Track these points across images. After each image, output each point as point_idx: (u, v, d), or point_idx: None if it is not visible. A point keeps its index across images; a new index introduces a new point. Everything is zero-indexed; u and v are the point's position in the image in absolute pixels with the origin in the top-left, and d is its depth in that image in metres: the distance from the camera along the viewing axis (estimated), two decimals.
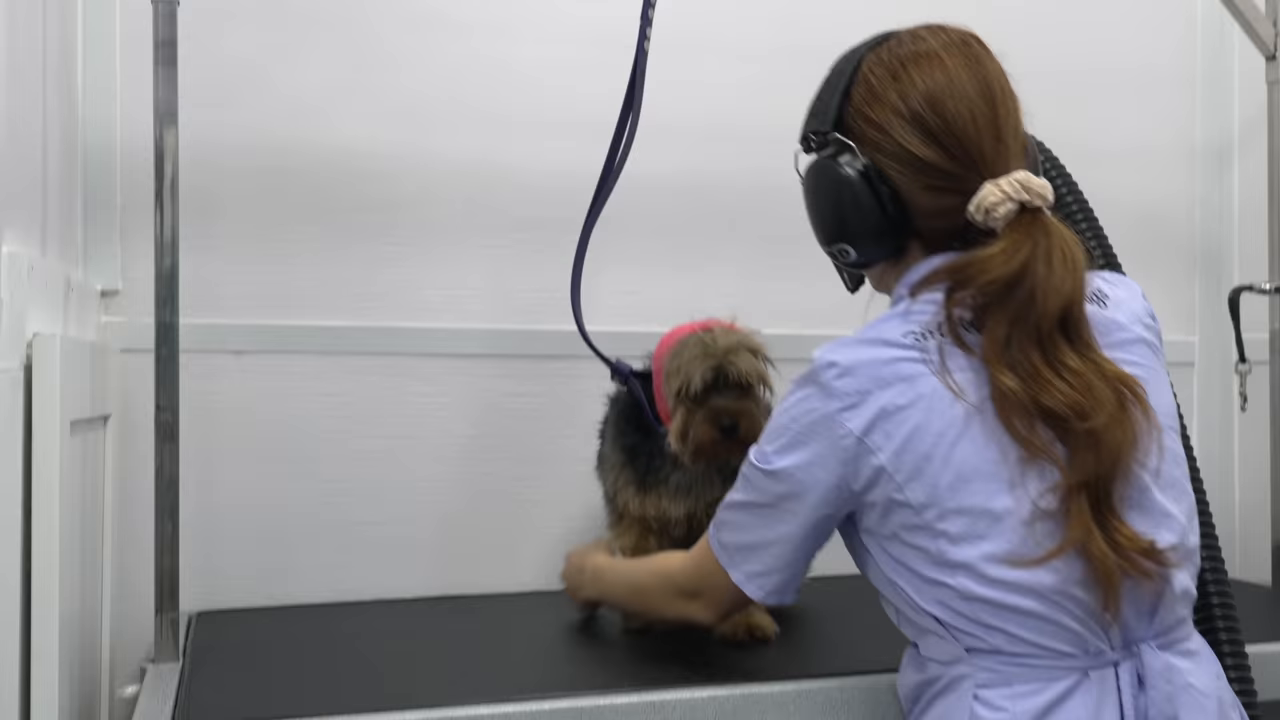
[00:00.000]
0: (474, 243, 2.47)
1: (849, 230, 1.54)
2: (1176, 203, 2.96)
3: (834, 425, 1.44)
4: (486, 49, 2.49)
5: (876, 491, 1.44)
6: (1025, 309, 1.41)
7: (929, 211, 1.51)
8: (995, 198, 1.45)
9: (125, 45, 2.28)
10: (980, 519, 1.40)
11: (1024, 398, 1.39)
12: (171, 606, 1.91)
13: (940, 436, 1.41)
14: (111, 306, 2.27)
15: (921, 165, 1.48)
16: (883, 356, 1.45)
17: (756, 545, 1.54)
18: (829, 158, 1.54)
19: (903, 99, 1.50)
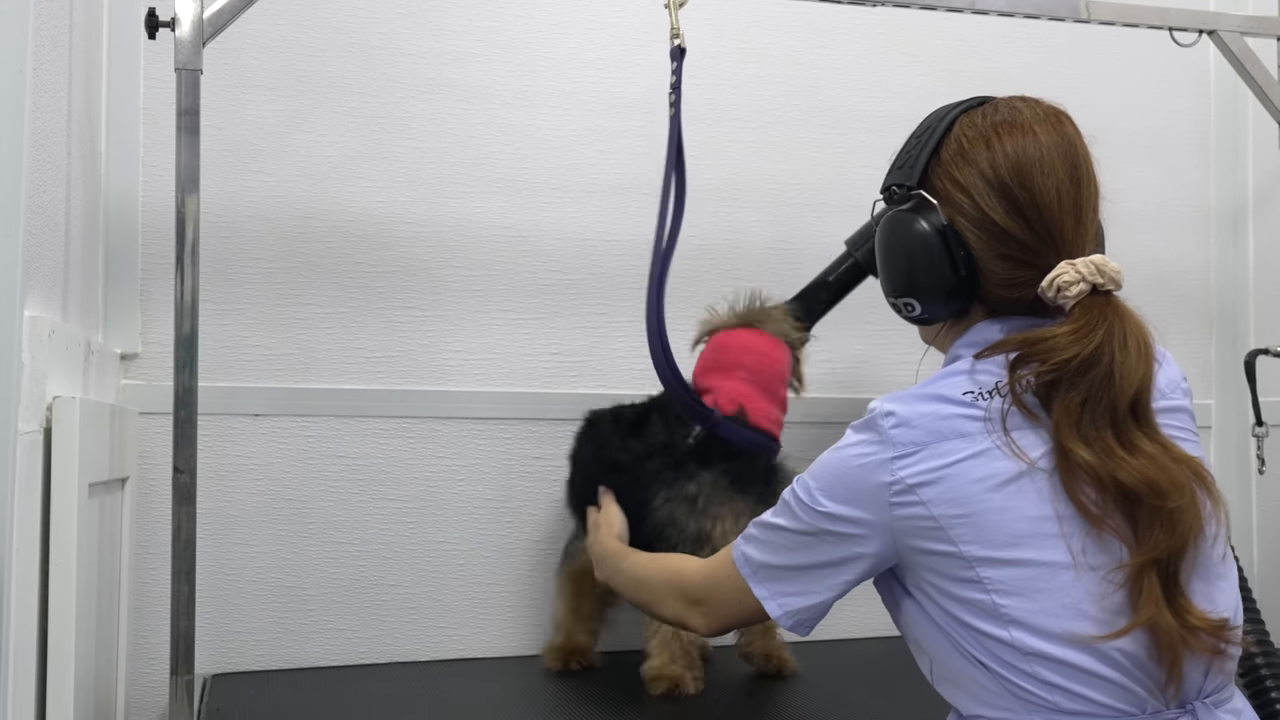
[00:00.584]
0: (491, 306, 2.49)
1: (918, 286, 1.54)
2: (1192, 266, 2.96)
3: (886, 473, 1.44)
4: (504, 116, 2.52)
5: (926, 541, 1.43)
6: (1100, 390, 1.41)
7: (1001, 280, 1.51)
8: (1070, 277, 1.46)
9: (148, 112, 2.31)
10: (1036, 576, 1.39)
11: (1097, 471, 1.39)
12: (187, 669, 1.90)
13: (995, 492, 1.41)
14: (131, 369, 2.29)
15: (1001, 234, 1.49)
16: (942, 412, 1.45)
17: (790, 569, 1.52)
18: (909, 212, 1.54)
19: (992, 166, 1.50)
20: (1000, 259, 1.50)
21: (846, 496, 1.46)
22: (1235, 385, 2.84)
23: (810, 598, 1.52)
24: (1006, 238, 1.49)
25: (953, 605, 1.43)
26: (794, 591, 1.52)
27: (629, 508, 2.06)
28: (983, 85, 2.75)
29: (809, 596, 1.52)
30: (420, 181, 2.47)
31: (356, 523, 2.39)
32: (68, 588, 1.56)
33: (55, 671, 1.55)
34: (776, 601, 1.53)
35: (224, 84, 2.34)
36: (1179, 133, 2.97)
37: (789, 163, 2.68)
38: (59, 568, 1.56)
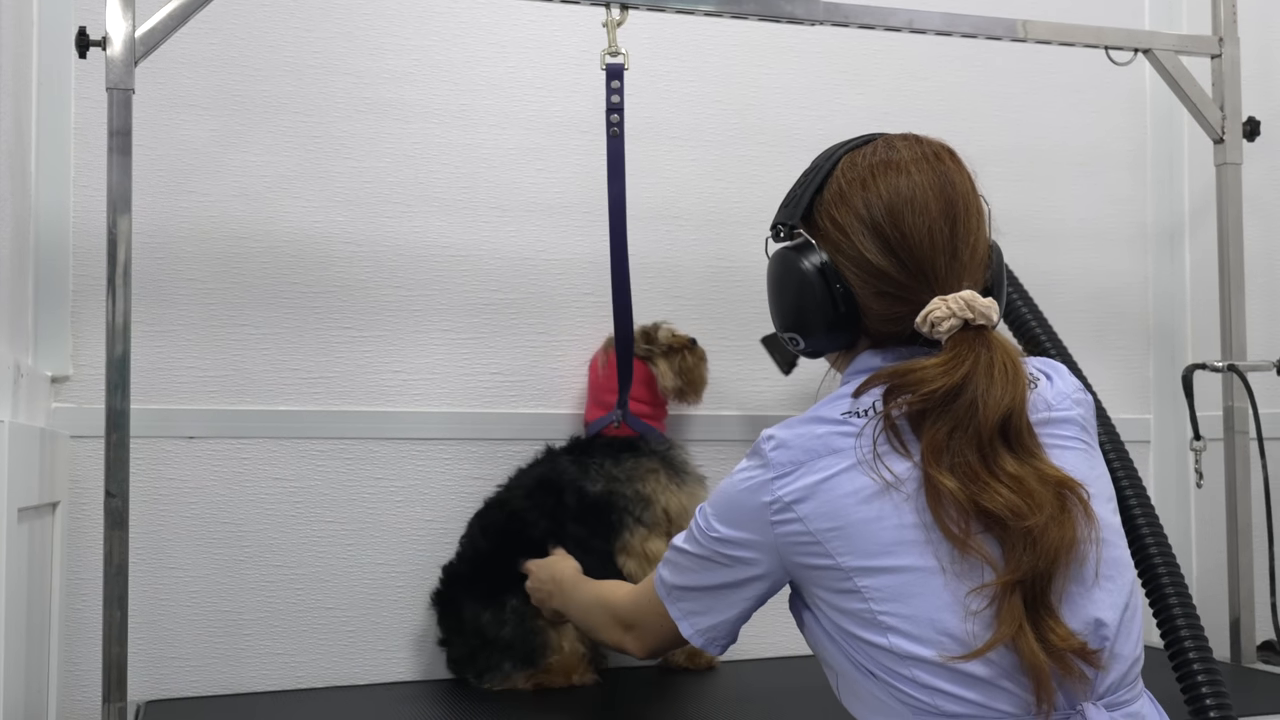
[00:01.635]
0: (430, 326, 2.47)
1: (801, 321, 1.59)
2: (1130, 281, 2.98)
3: (767, 493, 1.49)
4: (442, 135, 2.50)
5: (808, 557, 1.47)
6: (966, 418, 1.45)
7: (879, 316, 1.55)
8: (941, 313, 1.49)
9: (80, 133, 2.29)
10: (909, 582, 1.42)
11: (961, 497, 1.42)
12: (120, 696, 1.88)
13: (865, 504, 1.45)
14: (62, 392, 2.26)
15: (875, 272, 1.53)
16: (817, 431, 1.50)
17: (696, 589, 1.59)
18: (792, 249, 1.60)
19: (866, 206, 1.54)
20: (877, 296, 1.54)
21: (735, 520, 1.53)
22: (1173, 400, 2.86)
23: (715, 615, 1.60)
24: (881, 276, 1.53)
25: (839, 617, 1.48)
26: (700, 610, 1.60)
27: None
28: (922, 104, 2.79)
29: (714, 615, 1.60)
30: (358, 201, 2.45)
31: (293, 545, 2.36)
32: None
33: None
34: (687, 621, 1.61)
35: (157, 104, 2.32)
36: (1116, 150, 3.00)
37: (728, 181, 2.68)
38: None
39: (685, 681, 2.33)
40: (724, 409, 2.64)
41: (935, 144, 1.61)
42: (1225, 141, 2.58)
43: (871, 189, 1.55)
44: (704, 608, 1.59)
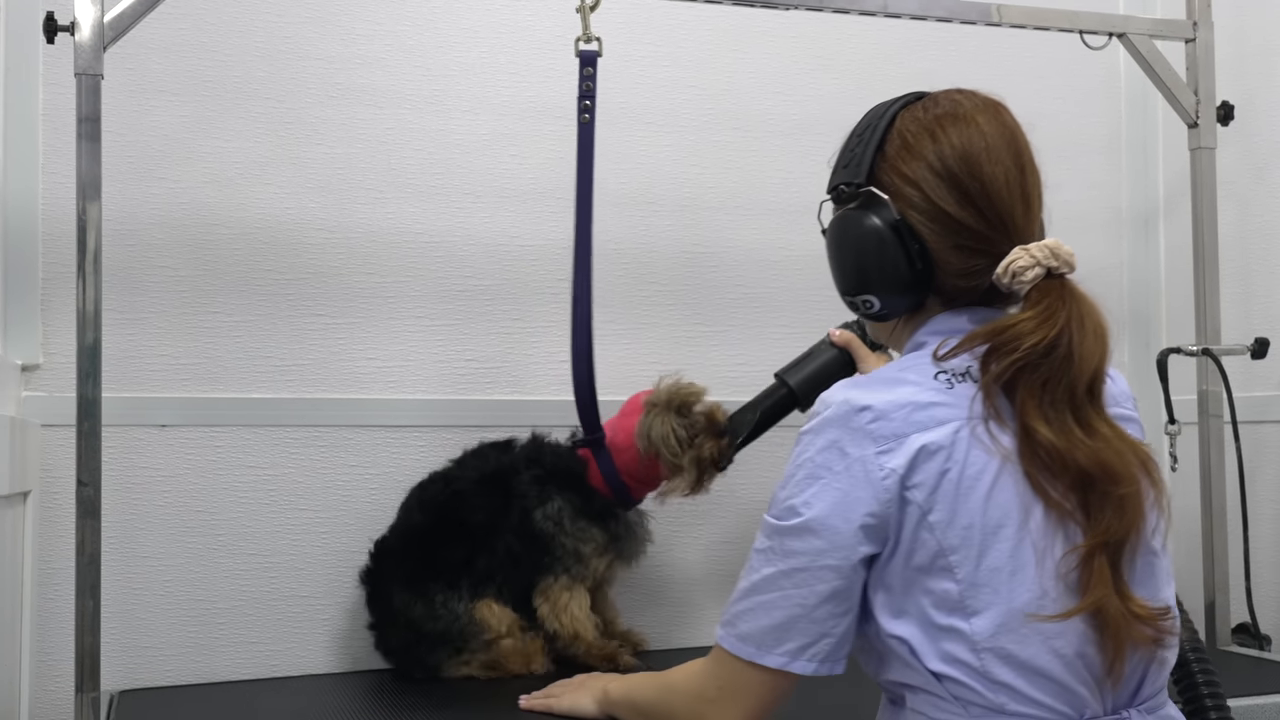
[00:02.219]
0: (404, 313, 2.46)
1: (875, 282, 1.55)
2: (1104, 266, 2.99)
3: (871, 468, 1.42)
4: (415, 121, 2.49)
5: (905, 532, 1.42)
6: (1060, 371, 1.43)
7: (956, 270, 1.52)
8: (1025, 262, 1.47)
9: (48, 118, 2.27)
10: (1007, 566, 1.40)
11: (1058, 451, 1.40)
12: (93, 685, 1.86)
13: (976, 480, 1.41)
14: (32, 381, 2.24)
15: (954, 225, 1.50)
16: (919, 400, 1.45)
17: (793, 618, 1.46)
18: (860, 209, 1.55)
19: (939, 157, 1.52)
20: (954, 249, 1.51)
21: (828, 496, 1.44)
22: (1148, 384, 2.86)
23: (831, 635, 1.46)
24: (960, 228, 1.50)
25: (920, 599, 1.42)
26: (811, 640, 1.46)
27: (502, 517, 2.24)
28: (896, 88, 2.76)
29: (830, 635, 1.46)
30: (330, 187, 2.43)
31: (267, 534, 2.35)
32: None
33: None
34: (801, 660, 1.45)
35: (126, 89, 2.30)
36: (1090, 135, 3.00)
37: (703, 166, 2.67)
38: None
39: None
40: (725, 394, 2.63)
41: (990, 97, 1.61)
42: (1199, 126, 2.58)
43: (942, 140, 1.53)
44: (811, 636, 1.45)
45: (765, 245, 2.68)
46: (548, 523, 2.22)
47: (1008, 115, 1.59)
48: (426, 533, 2.24)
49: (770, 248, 2.69)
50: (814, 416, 1.49)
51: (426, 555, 2.22)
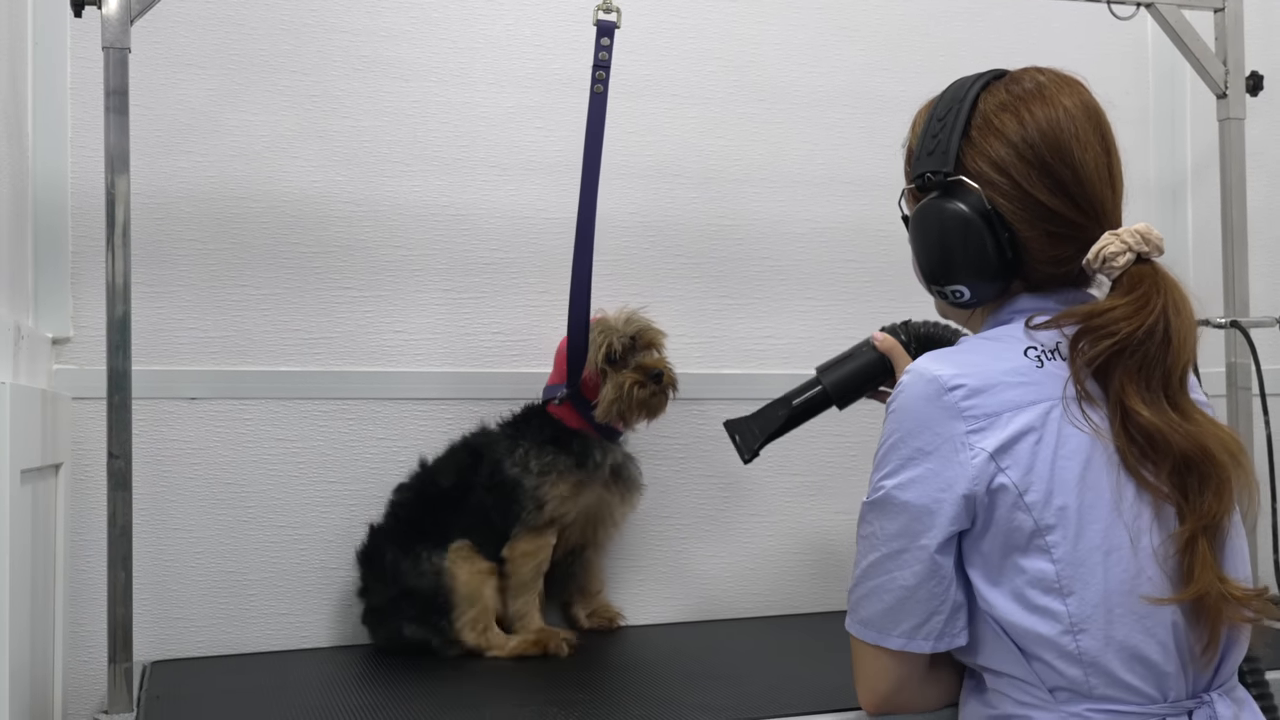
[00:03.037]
0: (431, 286, 2.47)
1: (965, 272, 1.54)
2: None
3: (961, 447, 1.43)
4: (441, 93, 2.49)
5: (1000, 511, 1.42)
6: (1157, 356, 1.43)
7: (1045, 258, 1.53)
8: (1116, 248, 1.47)
9: (76, 92, 2.27)
10: (1102, 546, 1.41)
11: (1160, 434, 1.41)
12: (125, 656, 1.88)
13: (1070, 460, 1.42)
14: (63, 354, 2.25)
15: (1045, 212, 1.50)
16: (1009, 379, 1.45)
17: (902, 600, 1.48)
18: (947, 198, 1.54)
19: (1028, 144, 1.51)
20: (1045, 237, 1.51)
21: (921, 475, 1.45)
22: None
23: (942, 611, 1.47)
24: (1050, 215, 1.50)
25: (1015, 579, 1.43)
26: (924, 618, 1.48)
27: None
28: (922, 60, 2.78)
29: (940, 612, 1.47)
30: (356, 160, 2.44)
31: (297, 506, 2.36)
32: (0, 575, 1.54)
33: None
34: (918, 639, 1.48)
35: (153, 63, 2.30)
36: (1118, 106, 2.93)
37: (728, 138, 2.67)
38: None
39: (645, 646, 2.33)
40: (724, 367, 2.64)
41: (1069, 75, 1.60)
42: (1228, 96, 2.56)
43: (1029, 125, 1.52)
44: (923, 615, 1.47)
45: (790, 217, 2.68)
46: (515, 469, 2.25)
47: (1089, 94, 1.58)
48: (407, 505, 2.30)
49: (795, 220, 2.68)
50: (900, 393, 1.49)
51: (411, 526, 2.26)
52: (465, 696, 1.91)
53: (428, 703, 1.86)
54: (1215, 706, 1.45)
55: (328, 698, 1.92)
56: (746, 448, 2.13)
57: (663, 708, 1.78)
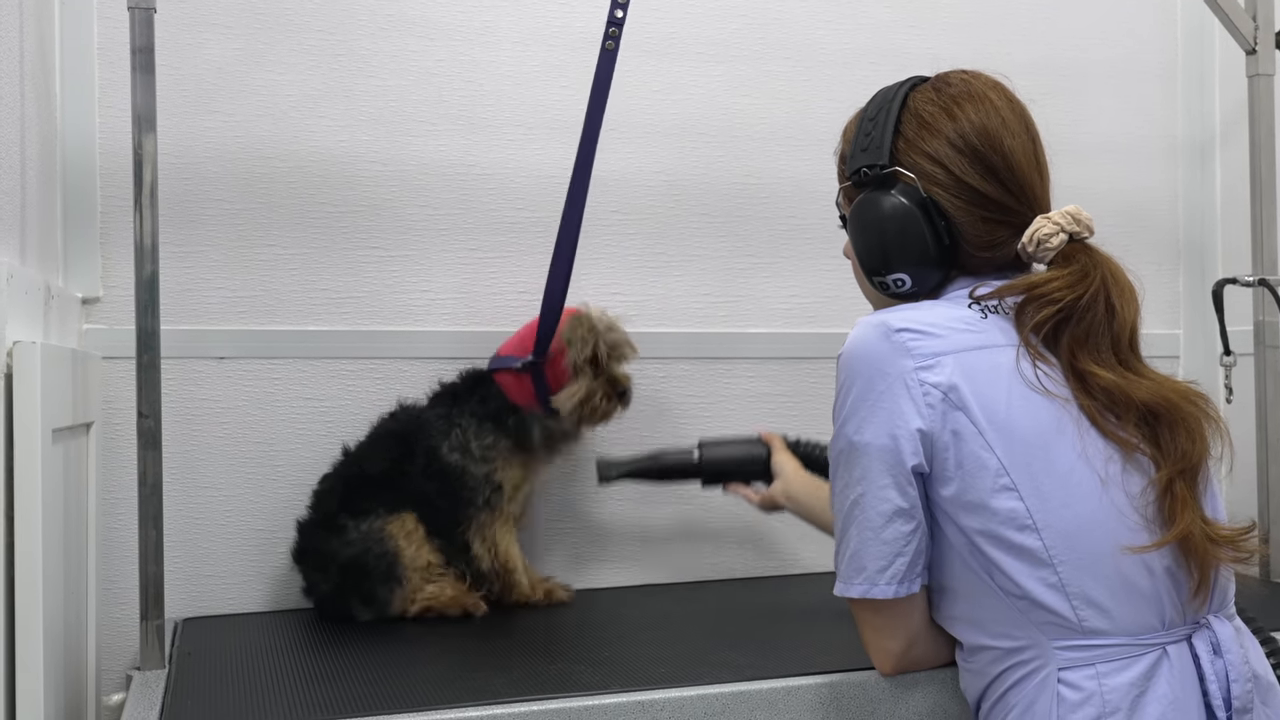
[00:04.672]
0: (457, 245, 2.47)
1: (906, 260, 1.60)
2: (1159, 197, 2.96)
3: (913, 384, 1.48)
4: (466, 52, 2.49)
5: (964, 450, 1.47)
6: (1103, 325, 1.50)
7: (981, 242, 1.60)
8: (1049, 229, 1.54)
9: (103, 52, 2.27)
10: (1068, 481, 1.45)
11: (1120, 390, 1.46)
12: (157, 613, 1.90)
13: (1025, 401, 1.47)
14: (93, 314, 2.26)
15: (980, 198, 1.57)
16: (955, 325, 1.51)
17: (867, 542, 1.53)
18: (886, 190, 1.61)
19: (960, 135, 1.58)
20: (981, 222, 1.58)
21: (877, 415, 1.50)
22: (1203, 315, 2.84)
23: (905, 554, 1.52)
24: (985, 200, 1.57)
25: (984, 520, 1.46)
26: (885, 561, 1.52)
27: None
28: (949, 17, 2.76)
29: (903, 554, 1.52)
30: (382, 120, 2.44)
31: (325, 464, 2.35)
32: (33, 534, 1.55)
33: (24, 620, 1.54)
34: (882, 583, 1.53)
35: (179, 23, 2.31)
36: (1146, 63, 2.96)
37: (754, 97, 2.66)
38: (24, 515, 1.55)
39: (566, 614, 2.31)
40: (749, 326, 2.64)
41: (992, 76, 1.66)
42: (1258, 53, 2.54)
43: (960, 118, 1.59)
44: (885, 558, 1.52)
45: (817, 176, 2.66)
46: (455, 453, 2.22)
47: (1013, 92, 1.65)
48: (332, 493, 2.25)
49: (821, 179, 2.64)
50: (848, 343, 1.54)
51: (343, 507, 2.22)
52: (496, 654, 1.92)
53: (455, 660, 1.88)
54: (1214, 628, 1.49)
55: (357, 654, 1.94)
56: (606, 473, 2.27)
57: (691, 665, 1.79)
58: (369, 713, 1.57)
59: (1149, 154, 2.95)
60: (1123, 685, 1.43)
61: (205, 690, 1.74)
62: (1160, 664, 1.45)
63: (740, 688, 1.67)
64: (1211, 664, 1.47)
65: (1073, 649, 1.45)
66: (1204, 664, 1.46)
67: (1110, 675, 1.44)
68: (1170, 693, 1.44)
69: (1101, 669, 1.44)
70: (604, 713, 1.61)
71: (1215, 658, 1.47)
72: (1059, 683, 1.45)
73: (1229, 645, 1.48)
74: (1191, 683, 1.46)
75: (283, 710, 1.61)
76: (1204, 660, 1.46)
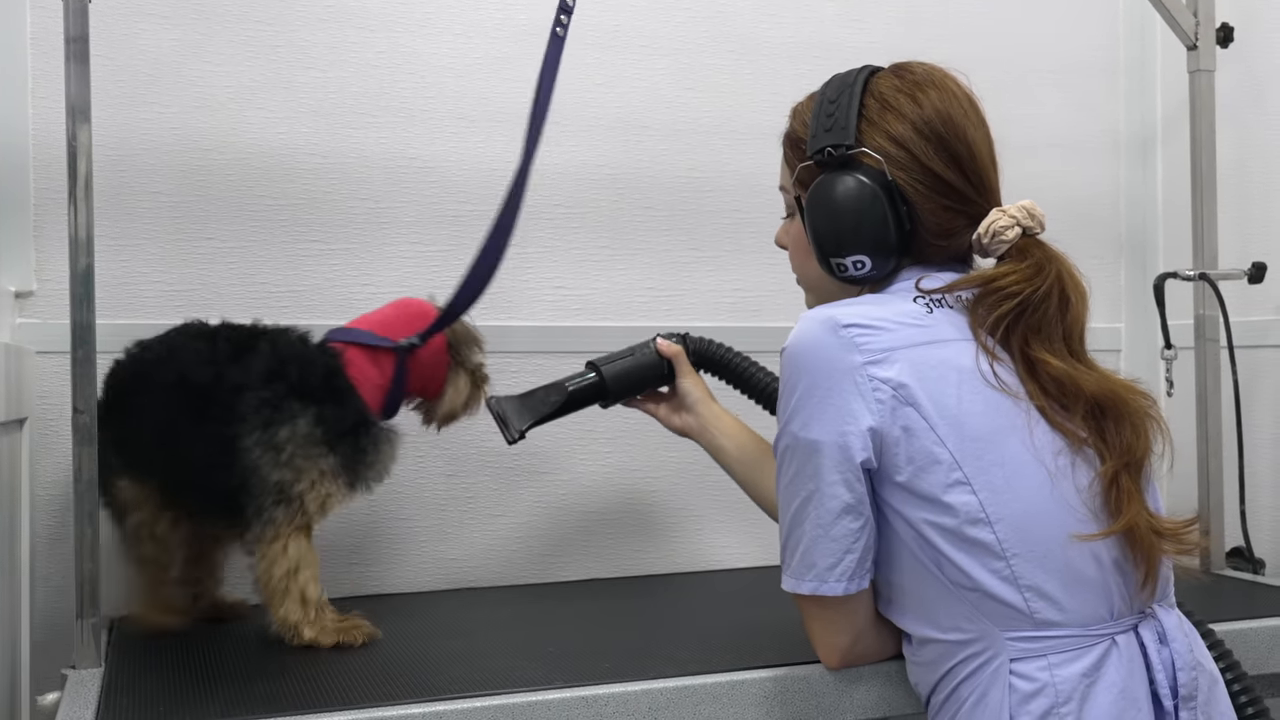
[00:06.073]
0: (399, 239, 2.45)
1: (868, 243, 1.58)
2: (1102, 192, 2.98)
3: (862, 379, 1.47)
4: (406, 44, 2.46)
5: (914, 446, 1.46)
6: (1055, 318, 1.51)
7: (940, 231, 1.59)
8: (1004, 222, 1.55)
9: (36, 42, 2.24)
10: (1019, 472, 1.45)
11: (1070, 379, 1.47)
12: (93, 611, 1.86)
13: (975, 395, 1.47)
14: (26, 308, 2.23)
15: (942, 186, 1.57)
16: (904, 320, 1.51)
17: (815, 540, 1.52)
18: (849, 171, 1.59)
19: (925, 121, 1.57)
20: (942, 210, 1.58)
21: (826, 410, 1.48)
22: (1144, 309, 2.86)
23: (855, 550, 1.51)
24: (947, 188, 1.57)
25: (942, 514, 1.46)
26: (836, 558, 1.51)
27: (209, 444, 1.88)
28: (891, 12, 2.77)
29: (853, 550, 1.51)
30: (322, 112, 2.41)
31: None
32: None
33: None
34: (831, 580, 1.52)
35: (115, 13, 2.27)
36: (1088, 59, 2.98)
37: (696, 90, 2.65)
38: None
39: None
40: (692, 320, 2.63)
41: (944, 68, 1.67)
42: (1198, 48, 2.56)
43: (925, 104, 1.58)
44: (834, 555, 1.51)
45: (760, 170, 2.66)
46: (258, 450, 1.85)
47: (968, 86, 1.66)
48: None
49: (765, 173, 2.64)
50: (793, 338, 1.53)
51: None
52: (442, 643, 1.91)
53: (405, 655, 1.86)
54: (1159, 617, 1.50)
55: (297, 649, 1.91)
56: (512, 429, 2.08)
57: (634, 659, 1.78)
58: (308, 709, 1.55)
59: (1091, 149, 2.97)
60: (1074, 675, 1.44)
61: (142, 688, 1.71)
62: (1110, 654, 1.45)
63: (685, 682, 1.66)
64: (1158, 653, 1.47)
65: (1024, 640, 1.45)
66: (1151, 653, 1.47)
67: (1062, 666, 1.44)
68: (1120, 681, 1.45)
69: (1053, 660, 1.44)
70: (548, 708, 1.60)
71: (1161, 647, 1.48)
72: (1011, 674, 1.45)
73: (1174, 635, 1.49)
74: (1139, 672, 1.47)
75: (221, 707, 1.59)
76: (1151, 650, 1.47)
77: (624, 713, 1.62)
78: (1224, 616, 1.93)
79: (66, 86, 1.83)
